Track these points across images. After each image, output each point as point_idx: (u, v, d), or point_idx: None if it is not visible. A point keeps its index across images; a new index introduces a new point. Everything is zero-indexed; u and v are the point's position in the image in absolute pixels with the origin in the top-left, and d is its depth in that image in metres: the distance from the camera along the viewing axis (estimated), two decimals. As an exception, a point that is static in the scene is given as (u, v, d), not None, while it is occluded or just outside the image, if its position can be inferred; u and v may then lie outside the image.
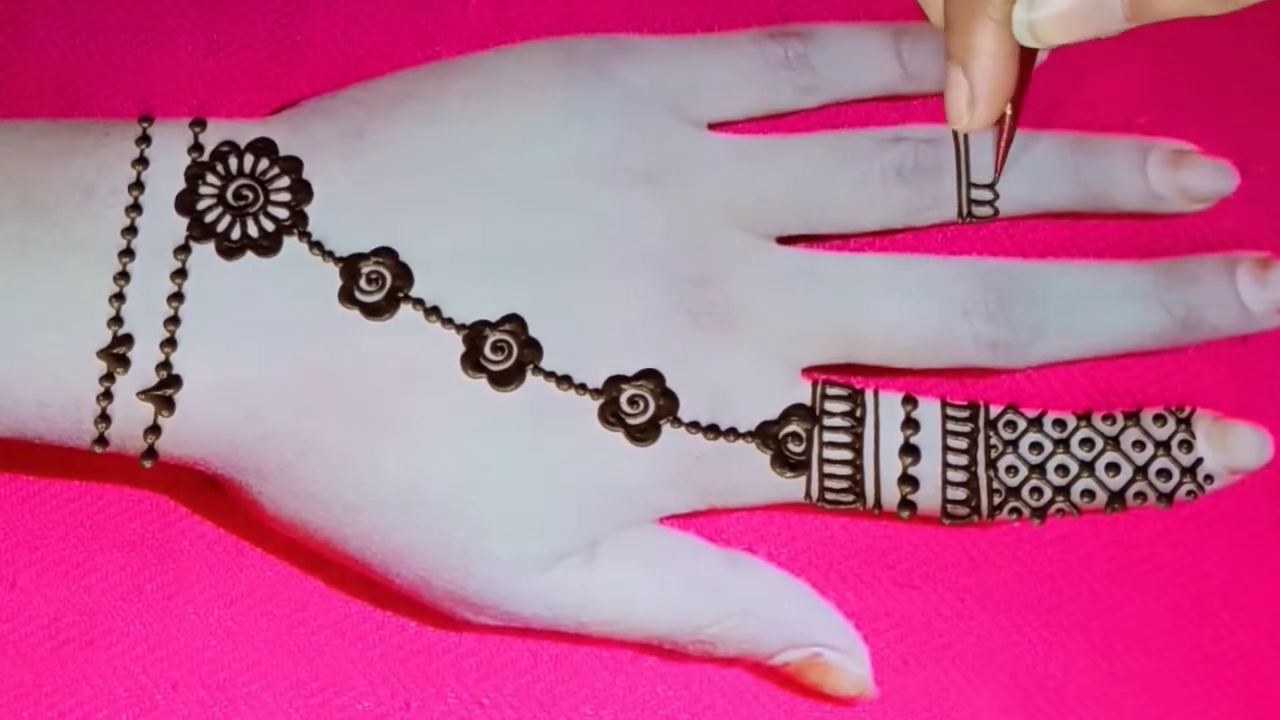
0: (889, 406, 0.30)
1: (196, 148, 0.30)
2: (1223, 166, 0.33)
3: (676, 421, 0.29)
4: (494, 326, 0.29)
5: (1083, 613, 0.33)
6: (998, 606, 0.33)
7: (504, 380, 0.29)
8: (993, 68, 0.28)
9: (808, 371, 0.31)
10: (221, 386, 0.28)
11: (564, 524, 0.29)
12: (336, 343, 0.28)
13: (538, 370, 0.29)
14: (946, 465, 0.30)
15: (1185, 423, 0.30)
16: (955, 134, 0.33)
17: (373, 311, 0.29)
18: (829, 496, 0.30)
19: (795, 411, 0.30)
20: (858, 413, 0.30)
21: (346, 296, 0.29)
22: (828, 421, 0.30)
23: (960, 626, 0.33)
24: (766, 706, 0.33)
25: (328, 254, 0.29)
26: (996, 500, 0.30)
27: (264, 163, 0.30)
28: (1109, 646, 0.33)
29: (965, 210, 0.32)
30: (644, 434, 0.29)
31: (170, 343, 0.28)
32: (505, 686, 0.33)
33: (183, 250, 0.29)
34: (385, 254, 0.29)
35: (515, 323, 0.29)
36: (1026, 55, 0.29)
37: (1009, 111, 0.30)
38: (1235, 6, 0.25)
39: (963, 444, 0.30)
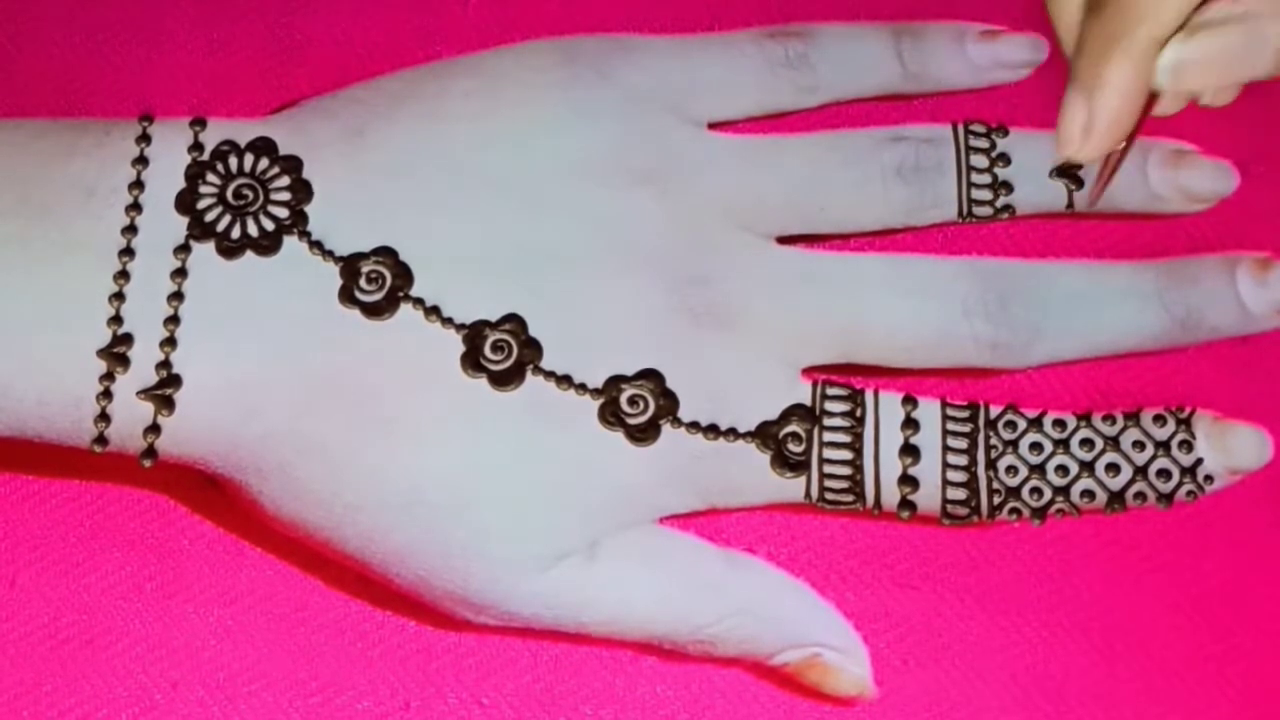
0: (889, 406, 0.30)
1: (196, 147, 0.30)
2: (1223, 166, 0.33)
3: (676, 421, 0.29)
4: (494, 326, 0.29)
5: (1083, 613, 0.33)
6: (998, 606, 0.33)
7: (504, 380, 0.29)
8: (1118, 103, 0.28)
9: (808, 371, 0.30)
10: (221, 386, 0.28)
11: (564, 524, 0.29)
12: (336, 342, 0.28)
13: (538, 370, 0.29)
14: (946, 465, 0.30)
15: (1185, 423, 0.30)
16: (955, 133, 0.33)
17: (373, 311, 0.29)
18: (829, 496, 0.30)
19: (795, 411, 0.30)
20: (858, 413, 0.30)
21: (346, 296, 0.29)
22: (828, 421, 0.30)
23: (960, 626, 0.33)
24: (766, 706, 0.33)
25: (328, 253, 0.29)
26: (996, 500, 0.30)
27: (264, 162, 0.30)
28: (1109, 646, 0.33)
29: (965, 210, 0.32)
30: (644, 434, 0.29)
31: (170, 342, 0.28)
32: (505, 686, 0.33)
33: (183, 249, 0.29)
34: (385, 253, 0.29)
35: (515, 322, 0.29)
36: (1149, 97, 0.28)
37: (1120, 146, 0.29)
38: None
39: (963, 444, 0.30)
